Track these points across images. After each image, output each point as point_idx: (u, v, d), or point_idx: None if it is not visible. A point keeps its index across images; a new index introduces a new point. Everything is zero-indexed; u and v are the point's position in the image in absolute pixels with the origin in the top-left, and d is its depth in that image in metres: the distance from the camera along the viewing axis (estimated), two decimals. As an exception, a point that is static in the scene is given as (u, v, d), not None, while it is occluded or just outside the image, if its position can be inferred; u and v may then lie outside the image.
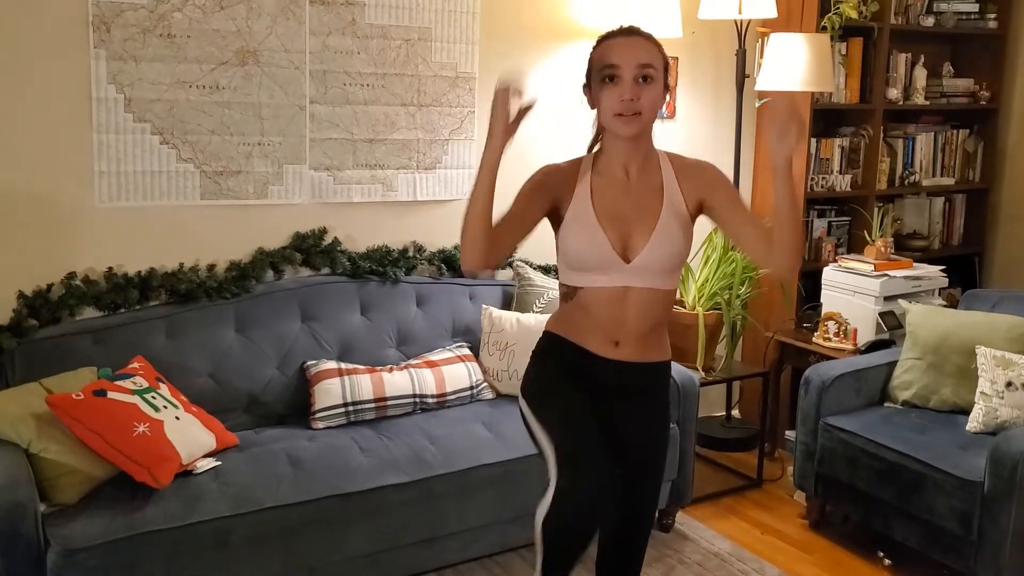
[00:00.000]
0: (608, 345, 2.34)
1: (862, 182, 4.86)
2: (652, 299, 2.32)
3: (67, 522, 2.75)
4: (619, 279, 2.29)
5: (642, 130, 2.29)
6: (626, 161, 2.34)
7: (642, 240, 2.28)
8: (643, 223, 2.29)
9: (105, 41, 3.32)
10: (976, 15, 5.11)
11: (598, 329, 2.33)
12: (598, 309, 2.31)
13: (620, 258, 2.28)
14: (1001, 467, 3.16)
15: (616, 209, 2.30)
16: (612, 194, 2.32)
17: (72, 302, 3.34)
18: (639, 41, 2.28)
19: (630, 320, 2.31)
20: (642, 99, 2.24)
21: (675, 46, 4.45)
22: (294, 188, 3.74)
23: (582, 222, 2.29)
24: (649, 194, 2.33)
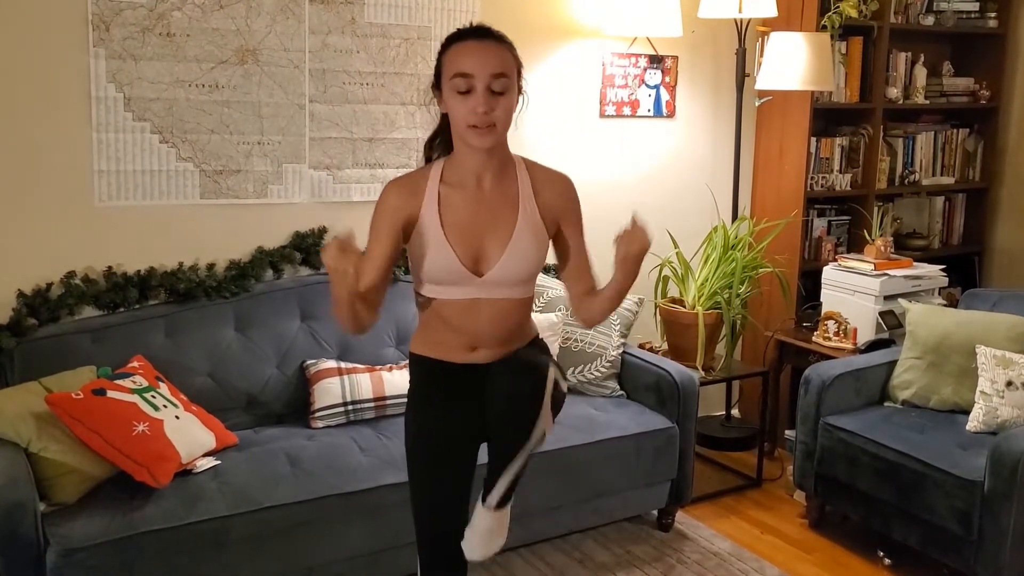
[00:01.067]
0: (465, 351, 2.28)
1: (862, 181, 4.86)
2: (507, 308, 2.27)
3: (66, 521, 2.75)
4: (471, 292, 2.23)
5: (497, 141, 2.20)
6: (479, 170, 2.24)
7: (496, 253, 2.22)
8: (496, 235, 2.22)
9: (104, 40, 3.32)
10: (976, 14, 5.11)
11: (454, 337, 2.28)
12: (451, 319, 2.26)
13: (471, 272, 2.22)
14: (1001, 467, 3.16)
15: (467, 221, 2.22)
16: (462, 205, 2.23)
17: (71, 301, 3.34)
18: (491, 47, 2.18)
19: (485, 328, 2.26)
20: (496, 110, 2.14)
21: (675, 45, 4.45)
22: (294, 187, 3.74)
23: (429, 236, 2.21)
24: (503, 204, 2.25)
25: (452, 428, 2.34)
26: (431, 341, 2.33)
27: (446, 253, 2.20)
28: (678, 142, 4.64)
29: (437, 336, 2.31)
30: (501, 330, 2.29)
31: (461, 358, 2.29)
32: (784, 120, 4.67)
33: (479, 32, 2.22)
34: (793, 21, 4.45)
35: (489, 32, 2.23)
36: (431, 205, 2.22)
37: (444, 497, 2.38)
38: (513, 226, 2.24)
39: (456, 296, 2.25)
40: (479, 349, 2.29)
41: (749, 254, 4.24)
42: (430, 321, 2.32)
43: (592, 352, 3.89)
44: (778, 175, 4.74)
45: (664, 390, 3.77)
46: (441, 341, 2.31)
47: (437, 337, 2.31)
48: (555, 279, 4.13)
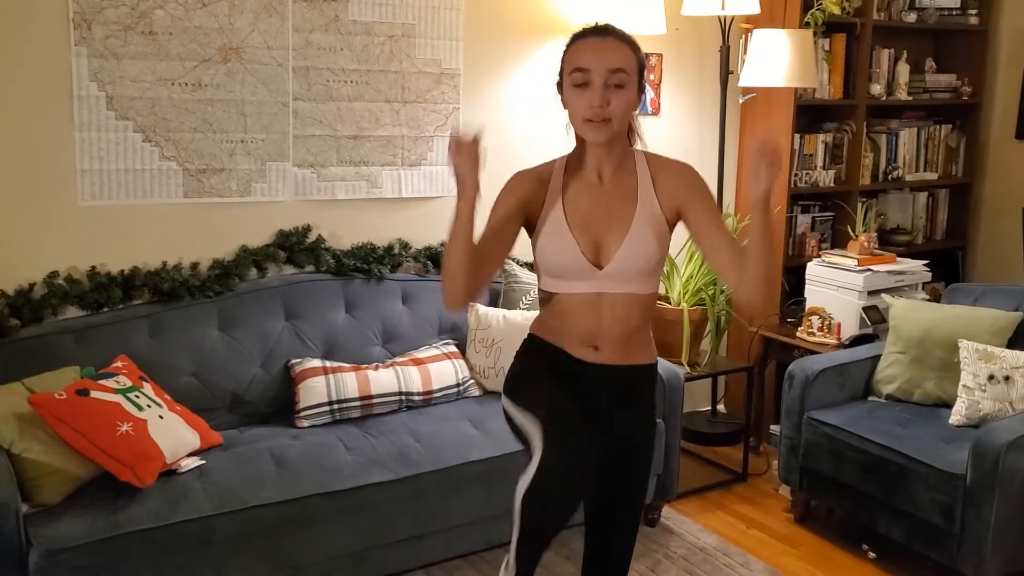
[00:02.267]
0: (587, 349, 2.30)
1: (845, 177, 4.88)
2: (628, 303, 2.27)
3: (50, 522, 2.74)
4: (592, 285, 2.25)
5: (612, 136, 2.22)
6: (599, 164, 2.28)
7: (615, 245, 2.24)
8: (616, 228, 2.24)
9: (86, 39, 3.30)
10: (958, 11, 5.13)
11: (576, 333, 2.30)
12: (574, 314, 2.28)
13: (592, 265, 2.24)
14: (983, 460, 3.18)
15: (589, 214, 2.25)
16: (585, 198, 2.26)
17: (55, 301, 3.33)
18: (612, 43, 2.20)
19: (606, 325, 2.27)
20: (612, 105, 2.17)
21: (659, 43, 4.46)
22: (278, 185, 3.73)
23: (554, 229, 2.25)
24: (623, 198, 2.27)
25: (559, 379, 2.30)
26: (552, 328, 2.33)
27: (570, 244, 2.23)
28: (663, 140, 4.64)
29: (558, 331, 2.32)
30: (622, 328, 2.28)
31: (581, 354, 2.29)
32: (768, 117, 4.68)
33: (600, 30, 2.25)
34: (776, 18, 4.47)
35: (610, 30, 2.25)
36: (555, 197, 2.26)
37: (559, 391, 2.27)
38: (631, 218, 2.25)
39: (578, 290, 2.26)
40: (600, 349, 2.29)
41: (733, 250, 4.25)
42: (552, 316, 2.33)
43: (577, 349, 3.89)
44: (762, 171, 4.74)
45: (649, 386, 3.78)
46: (562, 334, 2.31)
47: (558, 332, 2.32)
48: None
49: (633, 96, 2.22)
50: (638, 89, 2.24)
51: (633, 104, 2.23)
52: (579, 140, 2.31)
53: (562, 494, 2.13)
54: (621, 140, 2.29)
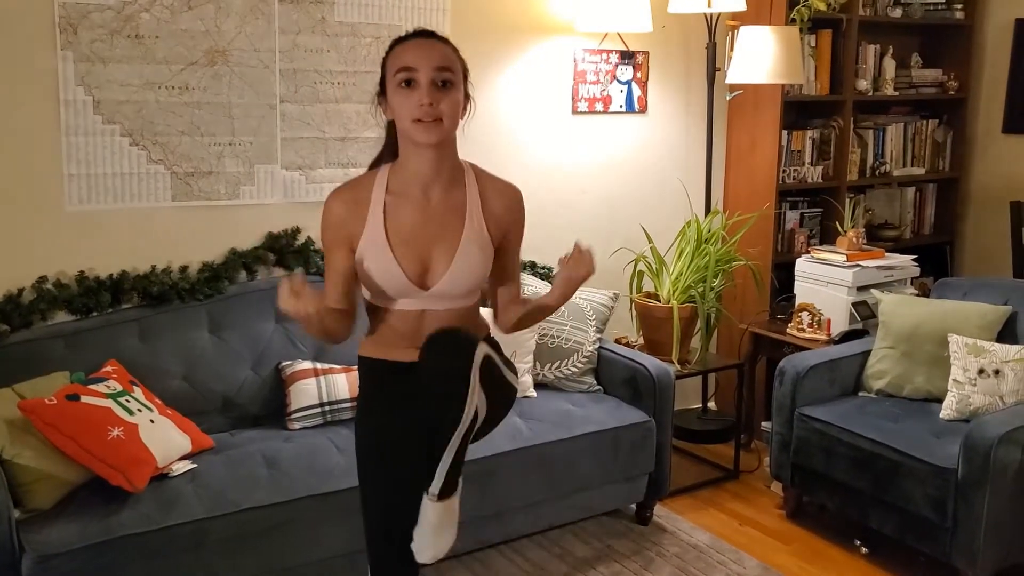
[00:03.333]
0: (413, 351, 2.19)
1: (833, 173, 4.89)
2: (451, 317, 2.24)
3: (42, 528, 2.73)
4: (417, 304, 2.22)
5: (444, 138, 2.15)
6: (427, 175, 2.19)
7: (442, 265, 2.19)
8: (443, 245, 2.19)
9: (72, 43, 3.29)
10: (943, 6, 5.15)
11: (400, 342, 2.26)
12: (399, 327, 2.25)
13: (416, 286, 2.20)
14: (974, 454, 3.19)
15: (412, 230, 2.19)
16: (408, 214, 2.19)
17: (43, 306, 3.31)
18: (436, 44, 2.15)
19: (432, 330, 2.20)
20: (442, 104, 2.10)
21: (646, 40, 4.47)
22: (266, 188, 3.72)
23: (374, 248, 2.18)
24: (450, 213, 2.21)
25: (399, 428, 2.29)
26: (378, 343, 2.32)
27: (390, 266, 2.17)
28: (650, 137, 4.65)
29: (384, 339, 2.30)
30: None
31: (407, 356, 2.22)
32: (755, 114, 4.69)
33: (423, 32, 2.20)
34: (762, 15, 4.47)
35: (432, 33, 2.20)
36: (376, 215, 2.18)
37: (394, 497, 2.32)
38: (459, 237, 2.20)
39: (402, 308, 2.24)
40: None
41: (722, 248, 4.26)
42: (377, 328, 2.31)
43: (568, 348, 3.90)
44: (750, 168, 4.76)
45: (640, 384, 3.79)
46: (388, 343, 2.29)
47: (384, 340, 2.30)
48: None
49: (460, 97, 2.16)
50: (464, 94, 2.19)
51: (459, 105, 2.16)
52: (405, 150, 2.21)
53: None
54: (451, 149, 2.22)
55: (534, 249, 4.31)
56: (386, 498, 2.33)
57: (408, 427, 2.28)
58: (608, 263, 4.47)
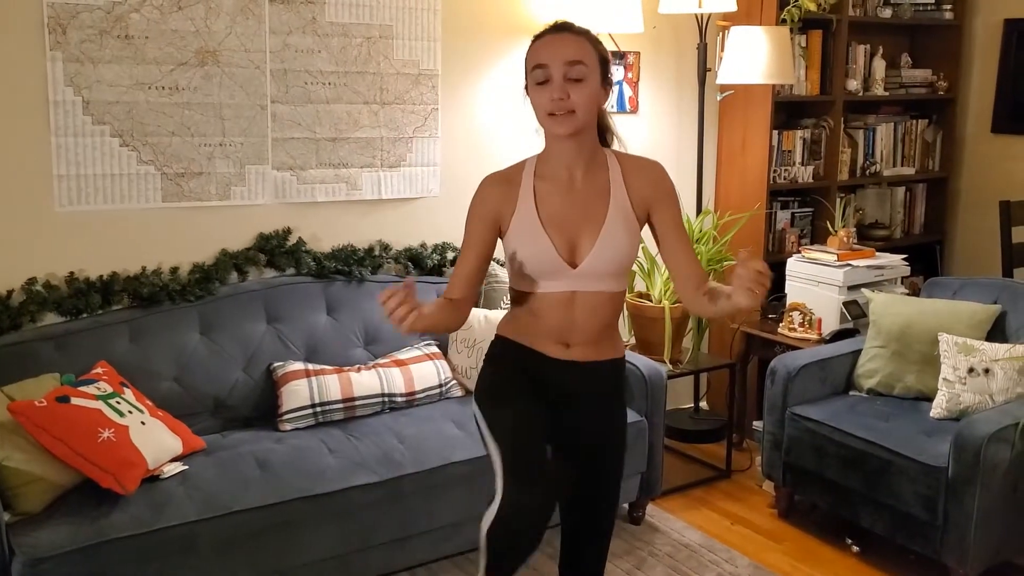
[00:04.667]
0: (559, 347, 2.32)
1: (824, 173, 4.90)
2: (600, 302, 2.30)
3: (32, 531, 2.72)
4: (566, 284, 2.27)
5: (578, 128, 2.21)
6: (570, 162, 2.27)
7: (588, 244, 2.25)
8: (589, 226, 2.26)
9: (61, 43, 3.28)
10: (932, 6, 5.17)
11: (548, 332, 2.31)
12: (547, 313, 2.29)
13: (567, 264, 2.25)
14: (964, 452, 3.20)
15: (561, 213, 2.26)
16: (557, 198, 2.27)
17: (33, 308, 3.30)
18: (568, 38, 2.22)
19: (579, 323, 2.30)
20: (573, 96, 2.17)
21: (636, 41, 4.47)
22: (257, 189, 3.71)
23: (527, 230, 2.25)
24: (595, 196, 2.28)
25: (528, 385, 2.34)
26: (523, 331, 2.35)
27: (545, 245, 2.23)
28: (641, 137, 4.65)
29: (530, 328, 2.33)
30: (593, 326, 2.31)
31: (555, 352, 2.32)
32: (746, 114, 4.70)
33: (556, 27, 2.27)
34: (753, 15, 4.48)
35: (567, 26, 2.26)
36: (527, 198, 2.26)
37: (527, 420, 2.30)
38: (604, 216, 2.26)
39: (552, 289, 2.27)
40: (571, 347, 2.32)
41: (714, 247, 4.27)
42: (523, 316, 2.34)
43: (560, 348, 3.89)
44: (741, 168, 4.77)
45: (632, 384, 3.78)
46: (534, 333, 2.33)
47: (530, 329, 2.33)
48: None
49: (595, 88, 2.22)
50: (603, 83, 2.24)
51: (596, 96, 2.23)
52: (548, 140, 2.31)
53: (524, 534, 2.23)
54: (590, 136, 2.29)
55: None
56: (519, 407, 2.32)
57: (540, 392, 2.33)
58: (599, 263, 4.48)
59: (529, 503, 2.20)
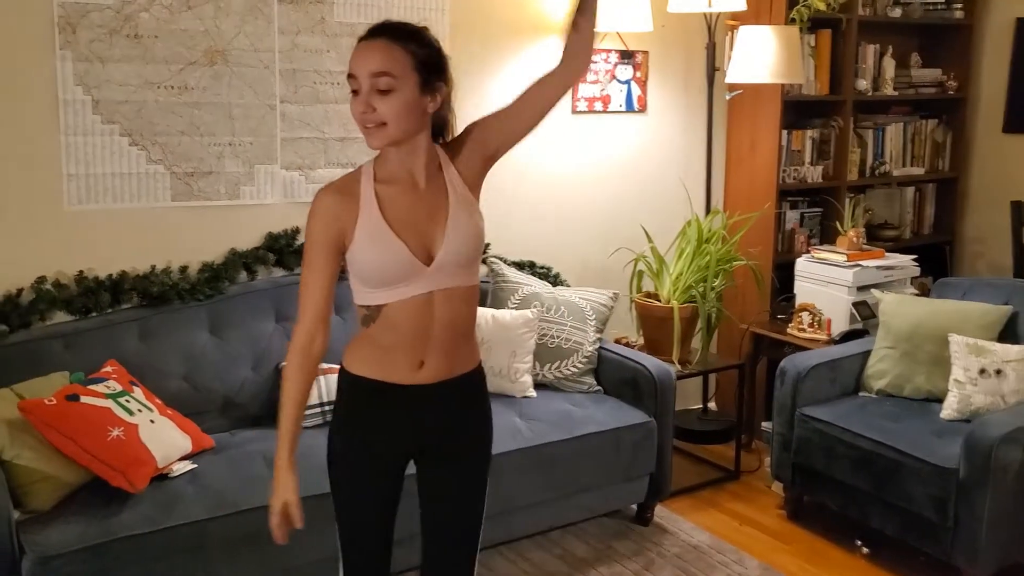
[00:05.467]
0: (412, 369, 2.20)
1: (833, 173, 4.89)
2: (458, 298, 2.21)
3: (42, 529, 2.72)
4: (423, 285, 2.16)
5: (392, 140, 2.12)
6: (407, 163, 2.18)
7: (440, 238, 2.15)
8: (436, 221, 2.16)
9: (71, 42, 3.28)
10: (943, 5, 5.15)
11: (401, 350, 2.20)
12: (404, 324, 2.18)
13: (421, 263, 2.15)
14: (976, 454, 3.19)
15: (409, 214, 2.16)
16: (402, 199, 2.17)
17: (42, 306, 3.31)
18: (378, 45, 2.09)
19: (437, 330, 2.19)
20: (380, 109, 2.07)
21: (645, 40, 4.46)
22: (266, 188, 3.72)
23: (375, 236, 2.13)
24: (437, 191, 2.19)
25: (381, 448, 2.30)
26: (373, 360, 2.24)
27: (397, 248, 2.13)
28: (650, 137, 4.65)
29: (381, 353, 2.22)
30: (452, 330, 2.21)
31: (407, 378, 2.21)
32: (755, 113, 4.69)
33: (372, 31, 2.14)
34: (762, 15, 4.47)
35: (384, 29, 2.13)
36: (370, 205, 2.15)
37: (370, 517, 2.37)
38: (447, 207, 2.18)
39: (409, 294, 2.16)
40: (426, 364, 2.21)
41: (723, 247, 4.26)
42: (375, 337, 2.22)
43: (568, 348, 3.89)
44: (750, 168, 4.76)
45: (641, 385, 3.78)
46: (386, 359, 2.22)
47: (380, 355, 2.23)
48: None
49: (409, 98, 2.09)
50: (425, 88, 2.12)
51: (411, 105, 2.10)
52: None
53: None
54: (423, 139, 2.18)
55: (533, 250, 4.33)
56: (363, 513, 2.38)
57: (395, 444, 2.31)
58: (608, 263, 4.48)
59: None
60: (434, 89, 2.14)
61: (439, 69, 2.17)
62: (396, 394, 2.23)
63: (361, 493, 2.36)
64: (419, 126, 2.14)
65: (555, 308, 3.92)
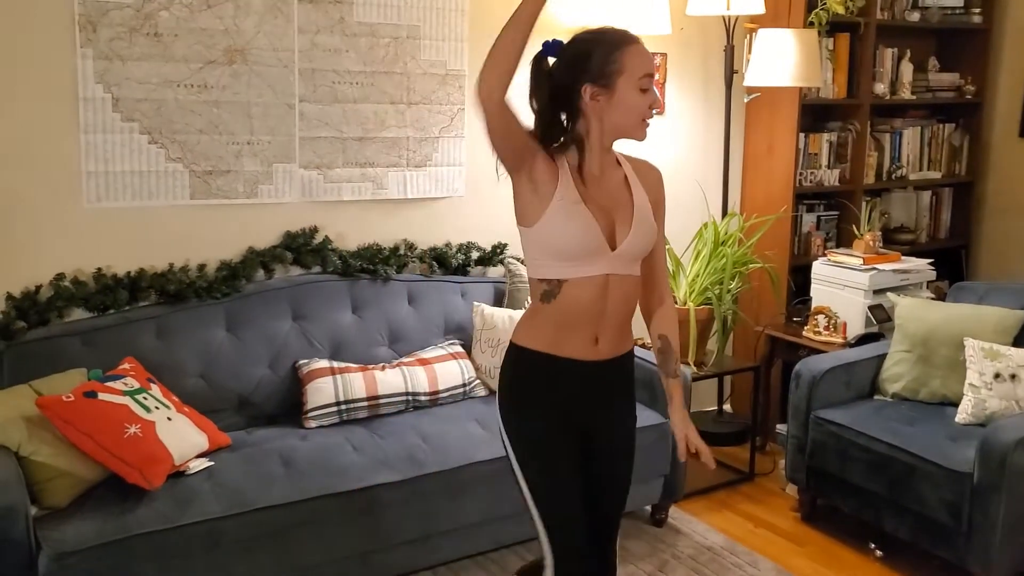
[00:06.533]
0: (588, 345, 2.32)
1: (850, 176, 4.88)
2: (629, 285, 2.35)
3: (59, 525, 2.74)
4: (603, 267, 2.28)
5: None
6: (599, 157, 2.33)
7: (625, 227, 2.31)
8: (621, 212, 2.32)
9: (92, 41, 3.30)
10: (961, 10, 5.14)
11: (580, 326, 2.30)
12: (582, 301, 2.28)
13: (607, 245, 2.28)
14: (990, 458, 3.18)
15: (597, 198, 2.30)
16: (592, 186, 2.32)
17: (61, 303, 3.33)
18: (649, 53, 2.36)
19: (610, 310, 2.31)
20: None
21: (664, 43, 4.46)
22: (284, 187, 3.73)
23: (570, 208, 2.24)
24: (618, 187, 2.36)
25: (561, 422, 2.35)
26: (548, 334, 2.32)
27: (591, 224, 2.25)
28: (668, 139, 4.64)
29: (558, 333, 2.31)
30: (622, 313, 2.35)
31: (584, 354, 2.32)
32: (773, 116, 4.68)
33: (639, 37, 2.36)
34: (780, 18, 4.47)
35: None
36: (568, 180, 2.27)
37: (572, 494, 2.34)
38: (632, 204, 2.34)
39: (589, 273, 2.27)
40: (600, 341, 2.32)
41: (739, 250, 4.26)
42: (552, 314, 2.30)
43: (583, 349, 3.89)
44: (767, 171, 4.75)
45: (656, 386, 3.77)
46: (565, 336, 2.31)
47: (556, 331, 2.31)
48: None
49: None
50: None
51: None
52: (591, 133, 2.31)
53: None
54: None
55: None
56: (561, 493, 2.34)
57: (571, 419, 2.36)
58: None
59: (583, 571, 2.36)
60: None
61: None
62: (572, 369, 2.32)
63: (556, 470, 2.34)
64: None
65: (570, 309, 3.92)
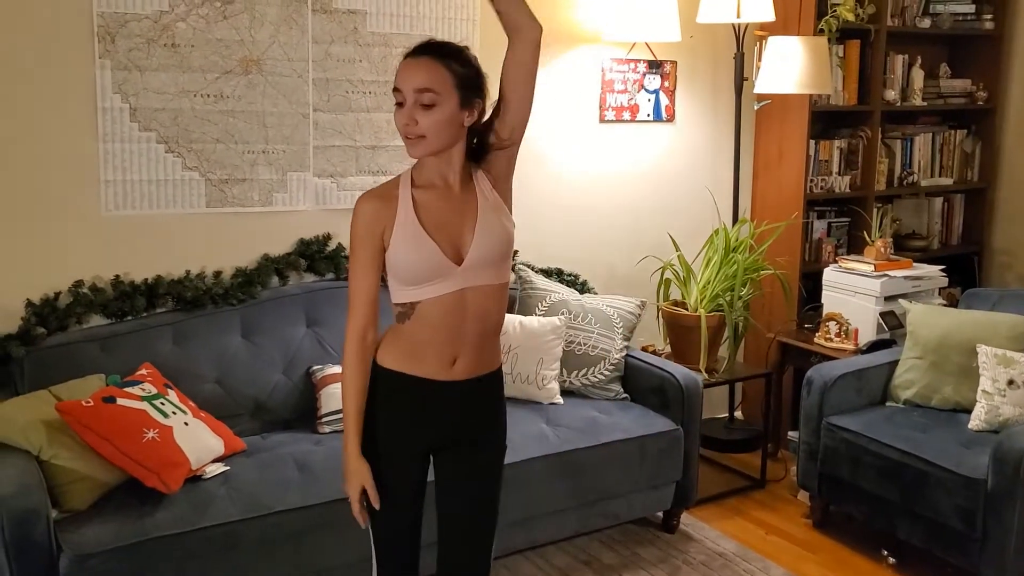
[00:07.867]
0: (445, 366, 2.32)
1: (861, 183, 4.89)
2: (489, 295, 2.32)
3: (79, 528, 2.78)
4: (455, 283, 2.27)
5: (430, 151, 2.27)
6: (442, 171, 2.32)
7: (469, 238, 2.29)
8: (467, 223, 2.30)
9: (110, 51, 3.35)
10: (972, 16, 5.14)
11: (436, 347, 2.31)
12: (437, 321, 2.29)
13: (452, 262, 2.27)
14: (1004, 465, 3.18)
15: (443, 217, 2.29)
16: (437, 203, 2.30)
17: (79, 310, 3.37)
18: (422, 63, 2.24)
19: (469, 326, 2.30)
20: (421, 123, 2.22)
21: (674, 50, 4.48)
22: (298, 195, 3.77)
23: (409, 236, 2.26)
24: (467, 197, 2.33)
25: (411, 441, 2.40)
26: (407, 355, 2.34)
27: (429, 247, 2.25)
28: (678, 146, 4.67)
29: (416, 350, 2.32)
30: (483, 327, 2.33)
31: (440, 374, 2.32)
32: (783, 123, 4.70)
33: (418, 48, 2.28)
34: (790, 25, 4.48)
35: (428, 48, 2.27)
36: (406, 207, 2.28)
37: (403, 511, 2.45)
38: (476, 208, 2.32)
39: (441, 292, 2.27)
40: (458, 361, 2.32)
41: (750, 256, 4.27)
42: (409, 333, 2.32)
43: (596, 355, 3.91)
44: (778, 178, 4.77)
45: (668, 393, 3.80)
46: (421, 355, 2.32)
47: (416, 351, 2.32)
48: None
49: (449, 113, 2.23)
50: (464, 104, 2.26)
51: (450, 120, 2.24)
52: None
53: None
54: (457, 151, 2.31)
55: (560, 257, 4.35)
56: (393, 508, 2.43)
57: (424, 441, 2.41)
58: (635, 271, 4.50)
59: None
60: (472, 105, 2.30)
61: (478, 87, 2.32)
62: (428, 389, 2.34)
63: (393, 486, 2.41)
64: (456, 138, 2.29)
65: (583, 316, 3.94)
